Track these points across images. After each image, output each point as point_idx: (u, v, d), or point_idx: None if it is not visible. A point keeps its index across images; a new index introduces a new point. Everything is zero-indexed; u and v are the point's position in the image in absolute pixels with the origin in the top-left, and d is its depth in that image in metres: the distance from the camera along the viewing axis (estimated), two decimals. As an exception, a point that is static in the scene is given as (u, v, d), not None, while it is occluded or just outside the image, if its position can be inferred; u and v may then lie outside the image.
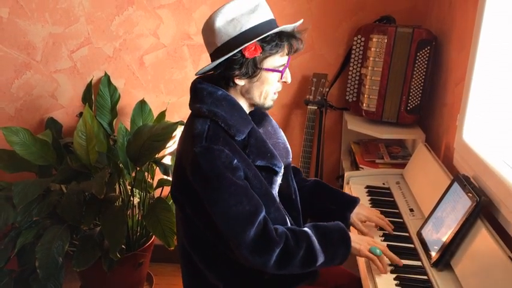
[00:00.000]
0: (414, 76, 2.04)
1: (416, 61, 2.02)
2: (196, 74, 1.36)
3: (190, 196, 1.30)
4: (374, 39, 2.07)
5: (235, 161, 1.25)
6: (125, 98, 2.51)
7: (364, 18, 2.32)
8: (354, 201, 1.58)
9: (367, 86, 2.11)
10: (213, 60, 1.31)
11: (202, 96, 1.30)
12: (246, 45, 1.24)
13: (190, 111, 1.37)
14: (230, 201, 1.23)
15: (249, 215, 1.25)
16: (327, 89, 2.30)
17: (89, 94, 2.43)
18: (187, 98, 1.38)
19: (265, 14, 1.28)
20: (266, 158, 1.34)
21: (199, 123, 1.28)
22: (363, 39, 2.18)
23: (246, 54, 1.24)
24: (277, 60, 1.31)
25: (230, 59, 1.26)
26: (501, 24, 1.52)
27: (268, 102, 1.37)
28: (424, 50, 2.01)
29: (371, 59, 2.08)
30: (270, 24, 1.28)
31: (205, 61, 2.44)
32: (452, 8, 1.97)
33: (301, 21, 1.33)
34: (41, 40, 2.44)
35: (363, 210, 1.57)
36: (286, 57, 1.33)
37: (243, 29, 1.24)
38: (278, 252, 1.26)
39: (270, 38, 1.26)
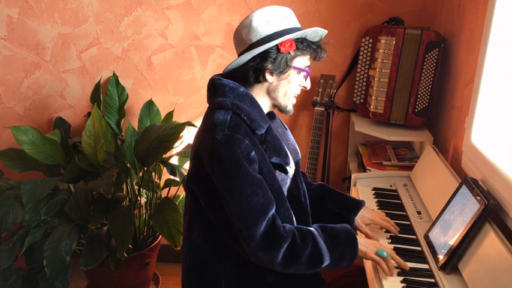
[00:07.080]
0: (422, 78, 2.03)
1: (425, 63, 2.01)
2: (225, 69, 1.38)
3: (206, 187, 1.31)
4: (382, 41, 2.07)
5: (253, 153, 1.28)
6: (133, 98, 2.52)
7: (372, 19, 2.31)
8: (358, 204, 1.58)
9: (374, 88, 2.11)
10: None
11: (224, 91, 1.34)
12: (283, 39, 1.30)
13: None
14: (247, 191, 1.24)
15: (263, 208, 1.26)
16: (335, 91, 2.29)
17: (97, 94, 2.45)
18: (194, 98, 1.38)
19: (295, 23, 1.37)
20: (281, 155, 1.37)
21: (221, 114, 1.31)
22: (371, 40, 2.17)
23: (282, 49, 1.31)
24: (305, 62, 1.39)
25: (265, 52, 1.31)
26: (511, 26, 1.51)
27: (290, 106, 1.43)
28: (432, 52, 2.00)
29: (379, 60, 2.08)
30: (300, 30, 1.36)
31: (212, 62, 2.44)
32: (461, 9, 1.95)
33: (326, 32, 1.40)
34: (50, 40, 2.46)
35: (367, 213, 1.58)
36: (310, 63, 1.41)
37: (279, 29, 1.32)
38: (285, 249, 1.26)
39: (302, 39, 1.35)
